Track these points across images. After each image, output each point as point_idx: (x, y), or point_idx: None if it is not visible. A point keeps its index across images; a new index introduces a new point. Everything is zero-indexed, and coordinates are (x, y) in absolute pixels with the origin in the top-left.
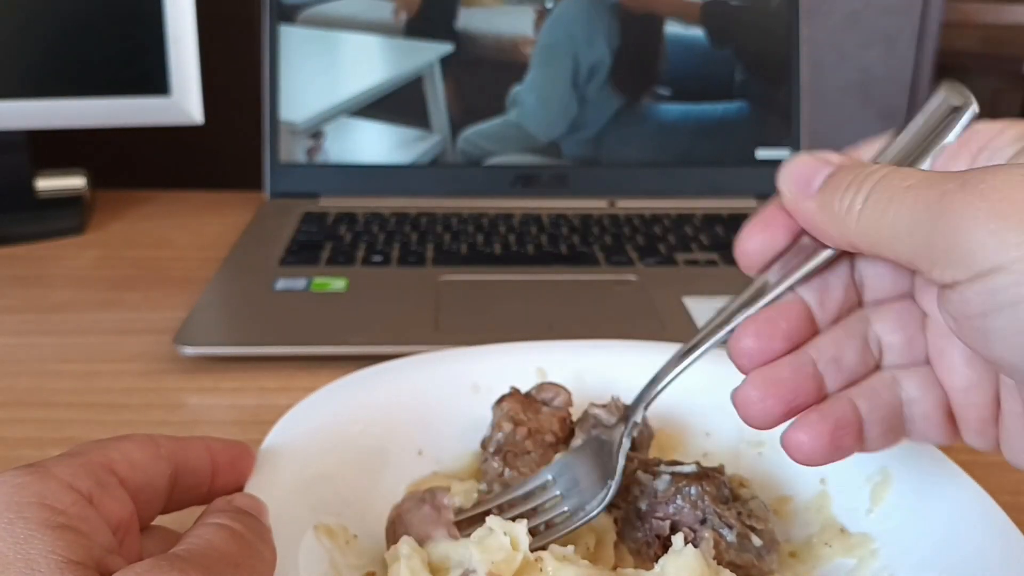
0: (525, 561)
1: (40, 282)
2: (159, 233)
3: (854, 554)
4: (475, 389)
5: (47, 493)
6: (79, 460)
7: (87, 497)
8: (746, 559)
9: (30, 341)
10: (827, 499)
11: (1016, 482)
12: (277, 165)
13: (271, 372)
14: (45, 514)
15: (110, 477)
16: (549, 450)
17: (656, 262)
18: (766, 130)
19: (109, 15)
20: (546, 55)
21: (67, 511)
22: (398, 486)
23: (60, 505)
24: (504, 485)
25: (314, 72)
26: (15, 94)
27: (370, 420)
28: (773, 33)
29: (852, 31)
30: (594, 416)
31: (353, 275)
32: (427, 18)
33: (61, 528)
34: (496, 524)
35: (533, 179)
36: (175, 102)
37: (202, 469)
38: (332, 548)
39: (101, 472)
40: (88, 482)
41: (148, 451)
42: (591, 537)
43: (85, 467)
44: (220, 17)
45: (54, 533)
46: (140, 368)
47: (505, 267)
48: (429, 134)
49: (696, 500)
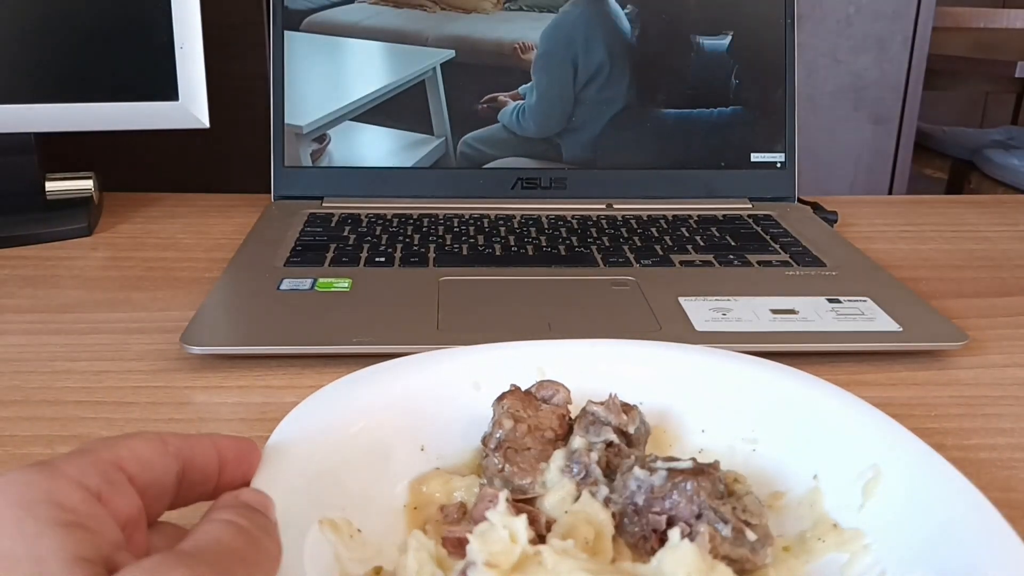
0: (524, 554)
1: (49, 283)
2: (166, 235)
3: (846, 549)
4: (476, 387)
5: (56, 491)
6: (88, 458)
7: (96, 495)
8: (741, 553)
9: (39, 340)
10: (819, 495)
11: (1006, 479)
12: (282, 168)
13: (276, 371)
14: (54, 512)
15: (119, 475)
16: (548, 446)
17: (653, 263)
18: (760, 134)
19: (118, 22)
20: (546, 60)
21: (76, 509)
22: (400, 481)
23: (69, 503)
24: (504, 481)
25: (319, 77)
26: (25, 98)
27: (373, 417)
28: (767, 38)
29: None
30: (592, 413)
31: (357, 275)
32: (429, 24)
33: (70, 525)
34: (496, 518)
35: (532, 182)
36: (182, 107)
37: (209, 466)
38: (336, 542)
39: (110, 470)
40: (97, 480)
41: (156, 448)
42: (589, 530)
43: (94, 465)
44: (226, 24)
45: (63, 531)
46: (148, 367)
47: (505, 268)
48: (431, 138)
49: (692, 495)
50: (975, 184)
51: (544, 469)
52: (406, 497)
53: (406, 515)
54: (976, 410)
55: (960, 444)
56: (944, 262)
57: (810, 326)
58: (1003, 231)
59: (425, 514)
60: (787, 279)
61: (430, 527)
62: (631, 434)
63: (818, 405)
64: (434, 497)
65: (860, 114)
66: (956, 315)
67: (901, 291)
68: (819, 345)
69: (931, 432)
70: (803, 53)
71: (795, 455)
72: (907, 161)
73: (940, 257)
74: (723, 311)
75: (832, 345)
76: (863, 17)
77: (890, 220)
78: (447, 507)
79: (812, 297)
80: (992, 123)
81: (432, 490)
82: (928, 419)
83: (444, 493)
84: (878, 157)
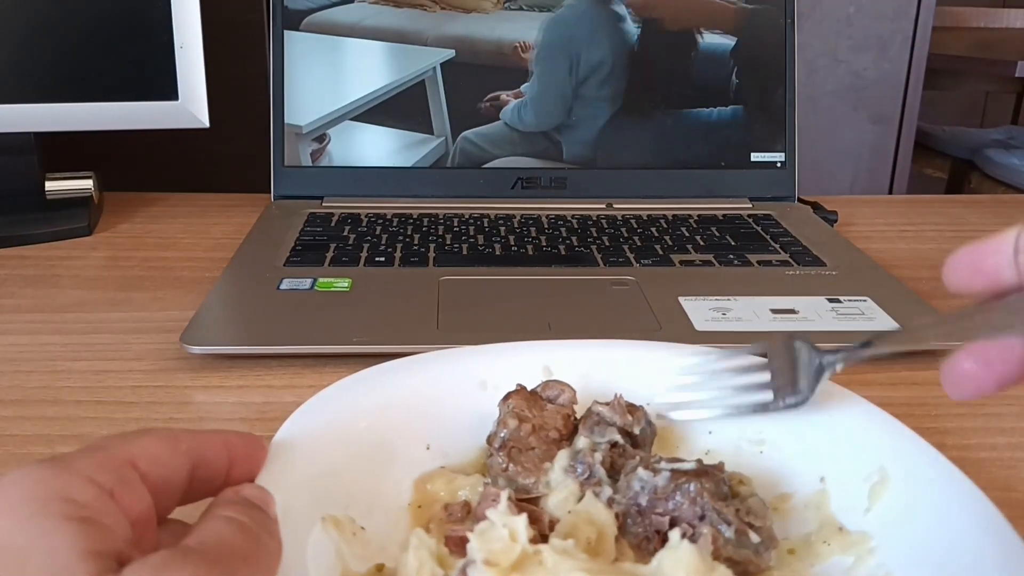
0: (524, 553)
1: (49, 282)
2: (166, 234)
3: (852, 552)
4: (484, 386)
5: (69, 487)
6: (100, 455)
7: (108, 492)
8: (744, 555)
9: (40, 340)
10: (826, 497)
11: (1006, 478)
12: (282, 168)
13: (276, 370)
14: (67, 507)
15: (131, 472)
16: (552, 446)
17: (653, 262)
18: (760, 133)
19: (118, 22)
20: (547, 53)
21: (89, 505)
22: (405, 480)
23: (82, 499)
24: (508, 480)
25: (319, 77)
26: (25, 98)
27: (379, 415)
28: (767, 38)
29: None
30: (597, 414)
31: (357, 275)
32: (429, 24)
33: (83, 521)
34: (496, 516)
35: (533, 181)
36: (182, 106)
37: (219, 463)
38: (339, 539)
39: (122, 467)
40: (109, 477)
41: (168, 446)
42: (592, 531)
43: (106, 462)
44: (226, 23)
45: (76, 525)
46: (148, 366)
47: (505, 267)
48: (431, 137)
49: (695, 497)
50: (975, 184)
51: (548, 469)
52: (411, 495)
53: (410, 513)
54: (976, 410)
55: (960, 444)
56: (944, 262)
57: (810, 326)
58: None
59: (429, 513)
60: (787, 279)
61: (434, 526)
62: (636, 435)
63: (826, 407)
64: (438, 496)
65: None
66: None
67: (901, 291)
68: (819, 344)
69: (931, 432)
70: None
71: (802, 457)
72: (907, 161)
73: (940, 257)
74: (723, 311)
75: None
76: (863, 16)
77: (890, 220)
78: (451, 506)
79: (812, 297)
80: (992, 123)
81: (437, 489)
82: (928, 419)
83: (449, 492)
84: (878, 157)
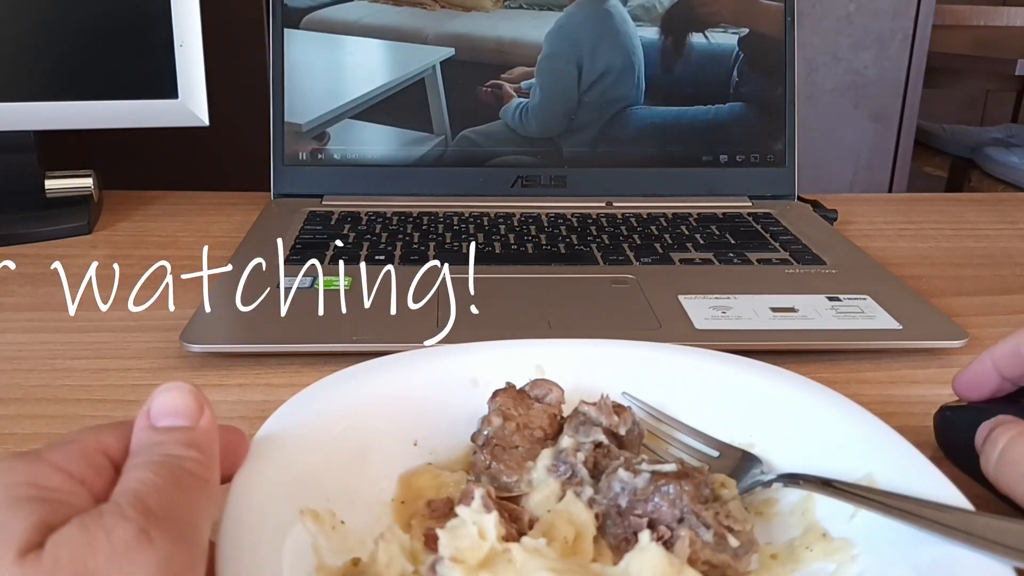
0: (493, 551)
1: (49, 280)
2: (166, 232)
3: (834, 559)
4: (475, 384)
5: (36, 475)
6: (72, 446)
7: (78, 479)
8: (722, 559)
9: (39, 338)
10: (812, 503)
11: None
12: (282, 166)
13: (276, 369)
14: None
15: (103, 460)
16: (537, 445)
17: (652, 261)
18: (760, 132)
19: (118, 20)
20: (551, 62)
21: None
22: (390, 475)
23: (49, 484)
24: (490, 478)
25: (319, 75)
26: (25, 96)
27: (366, 411)
28: (767, 36)
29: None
30: (583, 413)
31: (357, 274)
32: (428, 22)
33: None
34: (467, 514)
35: (532, 180)
36: (182, 104)
37: None
38: (317, 532)
39: (95, 456)
40: (81, 466)
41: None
42: (570, 530)
43: (78, 452)
44: (226, 21)
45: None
46: (148, 365)
47: (505, 265)
48: (431, 136)
49: (674, 499)
50: (975, 182)
51: (531, 468)
52: (395, 491)
53: (393, 509)
54: None
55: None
56: (944, 260)
57: (810, 324)
58: (1003, 229)
59: (412, 508)
60: (787, 277)
61: (415, 522)
62: (622, 435)
63: (815, 411)
64: (423, 492)
65: (860, 112)
66: (956, 313)
67: (901, 289)
68: (819, 343)
69: (930, 431)
70: (803, 51)
71: (789, 461)
72: (907, 159)
73: (940, 255)
74: (723, 309)
75: (832, 343)
76: (863, 15)
77: (890, 218)
78: (434, 502)
79: (812, 295)
80: (992, 121)
81: (421, 485)
82: (927, 417)
83: (433, 488)
84: (878, 155)
